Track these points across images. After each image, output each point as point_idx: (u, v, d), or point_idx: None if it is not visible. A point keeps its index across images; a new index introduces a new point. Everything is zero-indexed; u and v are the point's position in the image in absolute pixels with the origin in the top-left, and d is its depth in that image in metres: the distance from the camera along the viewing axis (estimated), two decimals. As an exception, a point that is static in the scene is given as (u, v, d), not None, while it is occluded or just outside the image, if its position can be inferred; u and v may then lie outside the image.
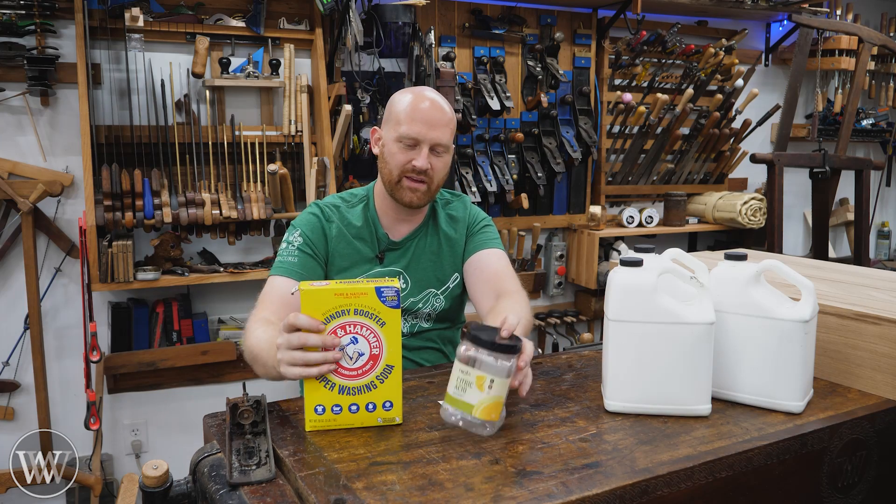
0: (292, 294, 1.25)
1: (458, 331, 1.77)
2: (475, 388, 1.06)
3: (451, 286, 1.68)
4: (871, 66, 4.06)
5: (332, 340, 1.10)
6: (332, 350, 1.10)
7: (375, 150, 1.65)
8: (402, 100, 1.57)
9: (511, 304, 1.46)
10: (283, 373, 1.13)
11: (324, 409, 1.13)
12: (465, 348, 1.08)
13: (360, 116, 2.81)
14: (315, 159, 2.68)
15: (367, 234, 1.64)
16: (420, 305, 1.65)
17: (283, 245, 1.60)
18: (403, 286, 1.63)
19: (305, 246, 1.58)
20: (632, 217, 3.40)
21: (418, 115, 1.54)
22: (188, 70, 2.66)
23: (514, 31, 3.18)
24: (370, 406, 1.14)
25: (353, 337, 1.11)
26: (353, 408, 1.14)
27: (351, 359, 1.12)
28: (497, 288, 1.58)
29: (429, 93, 1.58)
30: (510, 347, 1.07)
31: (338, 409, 1.13)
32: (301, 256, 1.57)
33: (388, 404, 1.15)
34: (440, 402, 1.13)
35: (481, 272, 1.64)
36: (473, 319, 1.40)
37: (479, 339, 1.07)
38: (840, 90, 3.95)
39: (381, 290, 1.11)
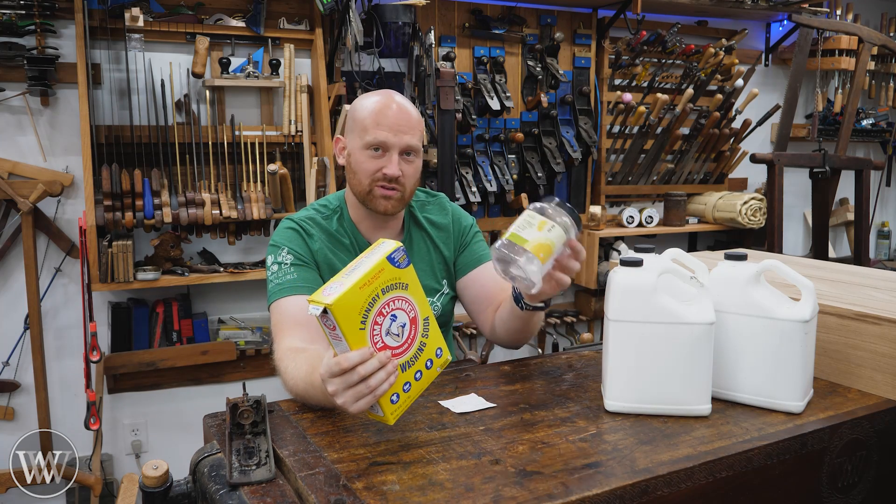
0: (314, 315, 1.07)
1: (451, 333, 1.75)
2: (535, 229, 1.17)
3: (444, 292, 1.65)
4: (871, 66, 4.06)
5: (385, 357, 1.04)
6: (389, 362, 1.05)
7: (341, 161, 1.57)
8: (365, 106, 1.49)
9: None
10: (353, 411, 1.04)
11: (398, 396, 1.08)
12: (533, 204, 1.20)
13: (360, 116, 2.80)
14: (315, 159, 2.68)
15: (349, 245, 1.57)
16: None
17: (274, 268, 1.49)
18: None
19: (297, 260, 1.49)
20: (632, 217, 3.40)
21: (384, 119, 1.46)
22: (188, 70, 2.66)
23: (514, 31, 3.18)
24: (428, 363, 1.13)
25: (392, 315, 1.08)
26: (418, 375, 1.12)
27: (398, 335, 1.09)
28: (500, 300, 1.57)
29: (392, 95, 1.51)
30: (573, 210, 1.20)
31: (407, 386, 1.10)
32: (298, 271, 1.48)
33: (438, 351, 1.14)
34: (494, 245, 1.19)
35: (484, 288, 1.61)
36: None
37: (548, 198, 1.20)
38: (840, 90, 3.95)
39: (392, 257, 1.08)
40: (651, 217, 3.44)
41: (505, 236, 1.18)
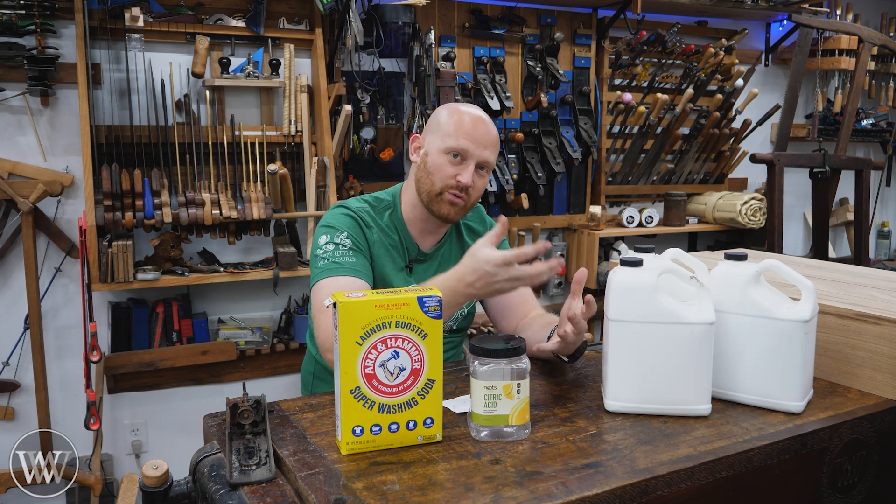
0: (326, 306, 1.10)
1: (466, 336, 1.76)
2: (505, 399, 1.08)
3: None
4: (871, 66, 4.07)
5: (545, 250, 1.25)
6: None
7: (414, 158, 1.58)
8: (452, 112, 1.53)
9: (544, 317, 1.58)
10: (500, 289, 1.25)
11: (362, 430, 1.05)
12: (479, 364, 1.08)
13: (360, 116, 2.81)
14: (315, 159, 2.68)
15: (397, 242, 1.58)
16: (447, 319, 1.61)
17: (330, 247, 1.48)
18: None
19: (356, 246, 1.49)
20: (632, 217, 3.40)
21: (469, 129, 1.50)
22: (188, 70, 2.66)
23: (514, 31, 3.18)
24: (410, 424, 1.07)
25: (395, 351, 1.05)
26: (393, 427, 1.07)
27: (392, 374, 1.05)
28: (522, 312, 1.60)
29: (478, 111, 1.55)
30: (520, 348, 1.09)
31: (377, 429, 1.06)
32: (357, 256, 1.47)
33: (428, 421, 1.08)
34: (471, 423, 1.11)
35: (507, 297, 1.61)
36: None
37: (494, 352, 1.08)
38: (840, 90, 3.95)
39: (424, 299, 1.05)
40: (651, 217, 3.44)
41: (476, 419, 1.09)
